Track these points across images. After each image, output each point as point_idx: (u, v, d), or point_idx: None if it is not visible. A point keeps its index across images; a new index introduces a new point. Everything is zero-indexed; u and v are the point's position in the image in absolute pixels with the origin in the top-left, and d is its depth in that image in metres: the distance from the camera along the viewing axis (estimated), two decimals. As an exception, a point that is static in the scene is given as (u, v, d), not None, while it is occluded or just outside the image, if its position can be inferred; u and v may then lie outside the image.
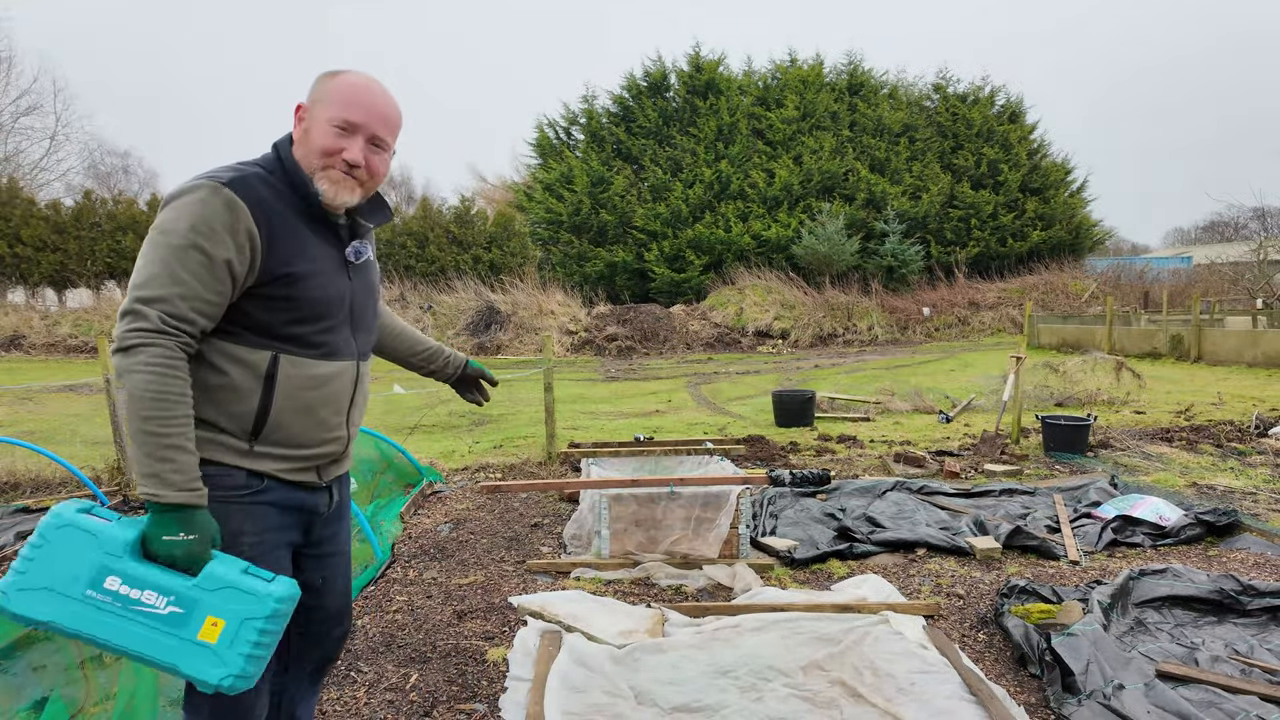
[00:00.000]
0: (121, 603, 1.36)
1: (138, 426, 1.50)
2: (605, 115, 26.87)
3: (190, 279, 1.52)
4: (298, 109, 1.70)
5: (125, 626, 1.36)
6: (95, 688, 2.71)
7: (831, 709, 2.58)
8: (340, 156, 1.66)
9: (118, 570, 1.36)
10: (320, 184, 1.66)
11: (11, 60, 34.56)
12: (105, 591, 1.36)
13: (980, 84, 28.05)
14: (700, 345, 21.21)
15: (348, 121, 1.66)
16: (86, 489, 5.58)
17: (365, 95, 1.68)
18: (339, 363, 1.76)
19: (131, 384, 1.50)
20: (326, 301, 1.70)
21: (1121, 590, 3.27)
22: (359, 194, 1.72)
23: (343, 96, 1.66)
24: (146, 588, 1.37)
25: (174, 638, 1.37)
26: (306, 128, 1.68)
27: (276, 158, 1.69)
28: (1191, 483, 5.62)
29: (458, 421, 9.52)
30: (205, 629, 1.37)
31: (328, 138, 1.65)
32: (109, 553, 1.36)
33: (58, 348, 20.80)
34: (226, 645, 1.38)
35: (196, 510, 1.51)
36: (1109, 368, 10.34)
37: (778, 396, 8.81)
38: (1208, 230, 46.19)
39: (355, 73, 1.71)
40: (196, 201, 1.54)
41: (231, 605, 1.39)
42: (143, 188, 38.97)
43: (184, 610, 1.38)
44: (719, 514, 4.10)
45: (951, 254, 25.57)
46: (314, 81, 1.72)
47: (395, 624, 3.40)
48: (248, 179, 1.60)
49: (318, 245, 1.70)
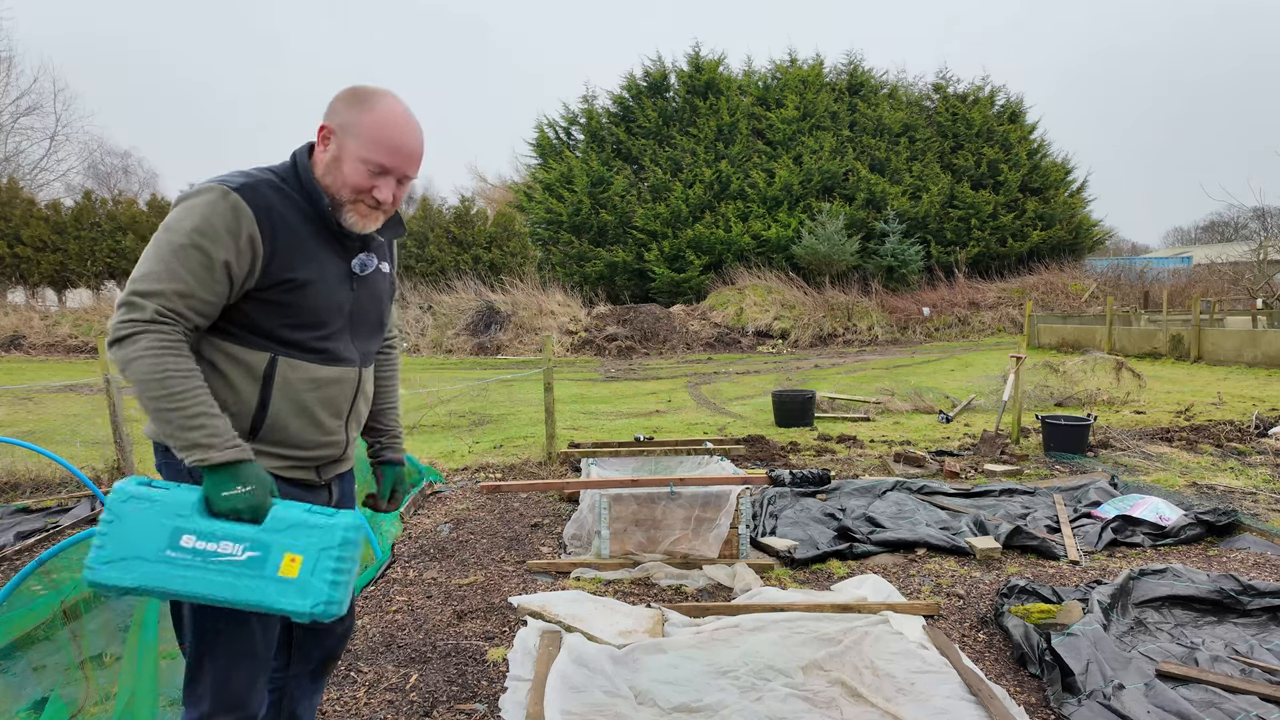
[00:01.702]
0: (201, 557, 1.44)
1: (154, 408, 1.52)
2: (605, 115, 26.89)
3: (188, 276, 1.54)
4: (323, 130, 1.69)
5: (209, 577, 1.44)
6: (95, 688, 2.71)
7: (831, 709, 2.58)
8: (371, 194, 1.68)
9: (190, 529, 1.44)
10: (348, 215, 1.69)
11: (11, 60, 34.54)
12: (183, 550, 1.43)
13: (980, 84, 28.10)
14: (700, 345, 21.21)
15: (382, 166, 1.67)
16: (86, 489, 5.58)
17: (400, 137, 1.68)
18: (339, 368, 1.77)
19: (136, 372, 1.51)
20: (326, 310, 1.72)
21: (1121, 590, 3.27)
22: (381, 220, 1.76)
23: (378, 137, 1.65)
24: (222, 539, 1.45)
25: (257, 579, 1.45)
26: (337, 157, 1.67)
27: (293, 167, 1.71)
28: (1191, 483, 5.62)
29: (458, 422, 9.52)
30: (284, 566, 1.45)
31: (360, 176, 1.66)
32: (179, 514, 1.44)
33: (58, 348, 20.80)
34: (309, 576, 1.46)
35: (245, 464, 1.55)
36: (1109, 368, 10.34)
37: (778, 396, 8.81)
38: (1208, 230, 46.23)
39: (387, 104, 1.68)
40: (204, 203, 1.57)
41: (304, 540, 1.47)
42: (143, 188, 38.98)
43: (260, 553, 1.46)
44: (719, 514, 4.10)
45: (951, 254, 25.58)
46: (341, 101, 1.69)
47: (395, 624, 3.40)
48: (258, 185, 1.62)
49: (323, 255, 1.72)
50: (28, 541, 4.63)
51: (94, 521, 5.13)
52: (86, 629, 2.94)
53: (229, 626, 1.68)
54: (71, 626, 2.92)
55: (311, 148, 1.74)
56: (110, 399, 5.72)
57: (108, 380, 5.70)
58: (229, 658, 1.68)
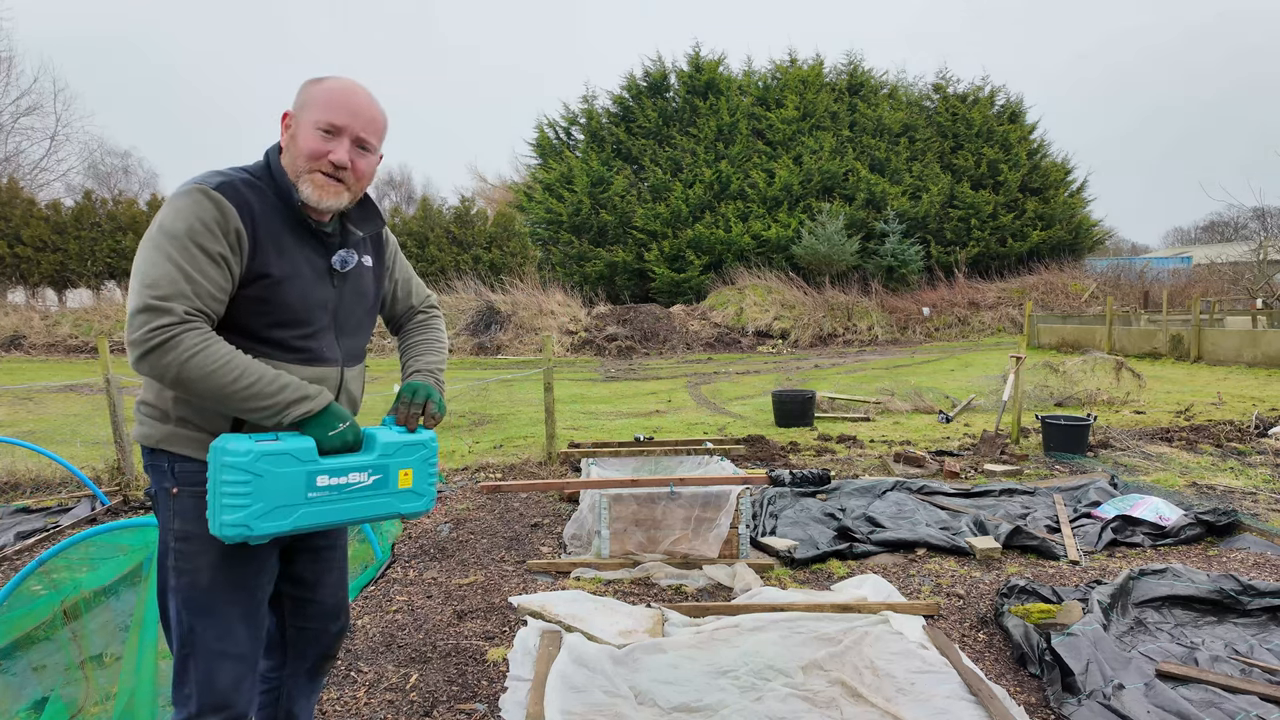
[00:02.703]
0: (336, 491, 1.67)
1: (228, 394, 1.56)
2: (605, 115, 26.88)
3: (198, 275, 1.56)
4: (284, 117, 1.73)
5: (349, 505, 1.69)
6: (95, 688, 2.71)
7: (831, 709, 2.58)
8: (326, 159, 1.68)
9: (321, 470, 1.64)
10: (304, 188, 1.69)
11: (12, 60, 34.54)
12: (320, 489, 1.65)
13: (980, 84, 28.10)
14: (700, 345, 21.20)
15: (332, 124, 1.68)
16: (86, 489, 5.58)
17: (349, 98, 1.70)
18: (320, 368, 1.78)
19: (194, 369, 1.53)
20: (305, 308, 1.73)
21: (1121, 590, 3.27)
22: (345, 197, 1.74)
23: (326, 100, 1.69)
24: (349, 472, 1.68)
25: (383, 495, 1.73)
26: (293, 134, 1.71)
27: (266, 165, 1.74)
28: (1191, 483, 5.62)
29: (458, 422, 9.52)
30: (400, 480, 1.76)
31: (313, 140, 1.68)
32: (308, 460, 1.63)
33: (58, 348, 20.79)
34: (421, 483, 1.79)
35: (332, 404, 1.69)
36: (1109, 368, 10.33)
37: (778, 396, 8.81)
38: (1208, 230, 46.20)
39: (338, 78, 1.73)
40: (191, 204, 1.58)
41: (409, 457, 1.77)
42: (143, 188, 38.98)
43: (381, 475, 1.73)
44: (719, 514, 4.10)
45: (951, 254, 25.57)
46: (299, 89, 1.74)
47: (395, 624, 3.40)
48: (234, 183, 1.64)
49: (300, 251, 1.72)
50: (28, 541, 4.62)
51: (94, 521, 5.13)
52: (86, 629, 2.94)
53: (212, 627, 1.69)
54: (71, 626, 2.92)
55: (280, 146, 1.76)
56: (110, 399, 5.71)
57: (108, 380, 5.69)
58: (212, 658, 1.70)
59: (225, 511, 1.55)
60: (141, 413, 1.74)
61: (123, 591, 3.13)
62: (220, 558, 1.69)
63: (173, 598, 1.70)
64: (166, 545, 1.71)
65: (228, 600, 1.70)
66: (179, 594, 1.69)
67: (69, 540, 2.75)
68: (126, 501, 5.54)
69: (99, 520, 5.17)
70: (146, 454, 1.75)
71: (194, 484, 1.67)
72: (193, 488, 1.68)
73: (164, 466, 1.70)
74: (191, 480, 1.68)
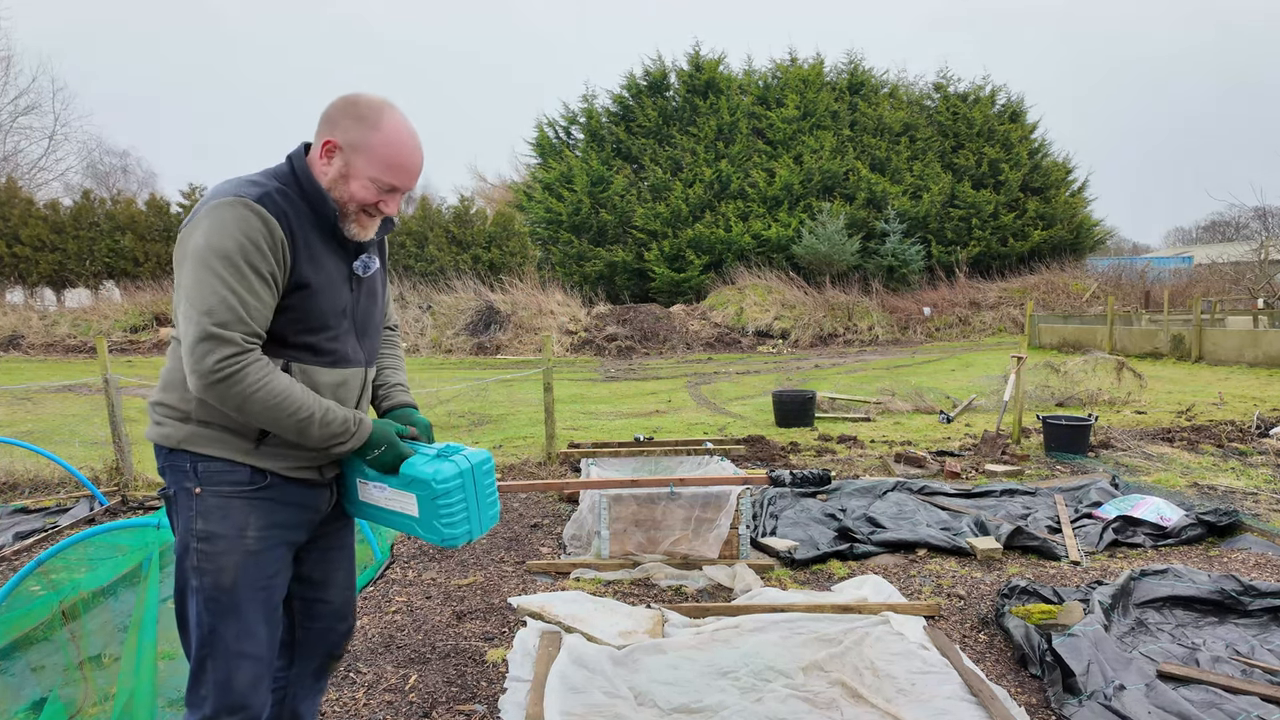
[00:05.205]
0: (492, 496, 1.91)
1: (287, 427, 1.63)
2: (605, 114, 26.86)
3: (251, 299, 1.57)
4: (328, 144, 1.68)
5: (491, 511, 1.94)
6: (94, 688, 2.71)
7: (831, 709, 2.57)
8: (376, 207, 1.73)
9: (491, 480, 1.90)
10: (351, 227, 1.74)
11: (10, 60, 34.54)
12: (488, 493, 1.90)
13: (981, 83, 28.07)
14: (700, 345, 21.19)
15: (393, 186, 1.71)
16: (85, 489, 5.57)
17: (409, 158, 1.71)
18: (347, 369, 1.80)
19: (259, 403, 1.58)
20: (332, 313, 1.75)
21: (1122, 591, 3.26)
22: (377, 226, 1.81)
23: (388, 160, 1.68)
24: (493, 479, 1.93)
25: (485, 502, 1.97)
26: (344, 174, 1.69)
27: (291, 172, 1.70)
28: (1192, 483, 5.61)
29: (457, 422, 9.51)
30: None
31: (369, 194, 1.70)
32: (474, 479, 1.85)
33: (56, 348, 20.78)
34: None
35: (373, 432, 1.77)
36: (1110, 368, 10.32)
37: (778, 396, 8.80)
38: (1209, 230, 46.14)
39: (394, 123, 1.68)
40: (236, 219, 1.57)
41: None
42: (141, 187, 38.89)
43: None
44: (719, 514, 4.10)
45: (952, 254, 25.55)
46: (345, 116, 1.67)
47: (394, 625, 3.39)
48: (271, 194, 1.63)
49: (330, 258, 1.74)
50: (26, 542, 4.62)
51: (93, 521, 5.13)
52: (85, 629, 2.94)
53: (233, 627, 1.68)
54: (70, 627, 2.91)
55: (307, 148, 1.74)
56: (109, 399, 5.70)
57: (106, 380, 5.68)
58: (232, 658, 1.69)
59: (449, 527, 1.77)
60: (159, 413, 1.73)
61: (121, 592, 3.13)
62: (243, 557, 1.68)
63: (193, 598, 1.69)
64: (187, 546, 1.69)
65: (249, 600, 1.70)
66: (200, 594, 1.68)
67: (67, 541, 2.75)
68: (125, 502, 5.53)
69: (97, 521, 5.16)
70: (164, 454, 1.73)
71: (217, 483, 1.67)
72: (216, 487, 1.67)
73: (185, 466, 1.69)
74: (215, 480, 1.67)
